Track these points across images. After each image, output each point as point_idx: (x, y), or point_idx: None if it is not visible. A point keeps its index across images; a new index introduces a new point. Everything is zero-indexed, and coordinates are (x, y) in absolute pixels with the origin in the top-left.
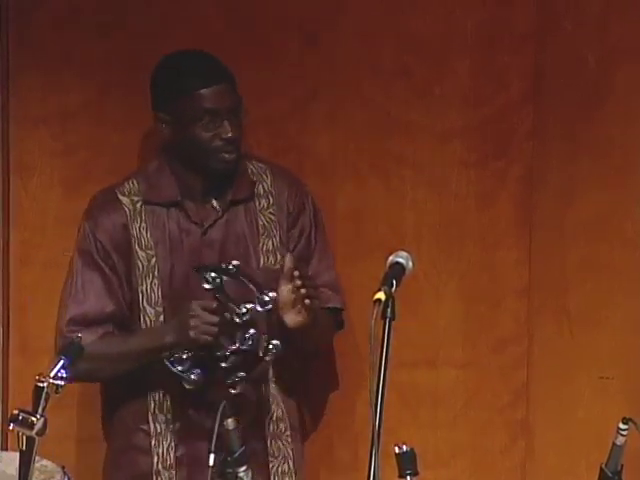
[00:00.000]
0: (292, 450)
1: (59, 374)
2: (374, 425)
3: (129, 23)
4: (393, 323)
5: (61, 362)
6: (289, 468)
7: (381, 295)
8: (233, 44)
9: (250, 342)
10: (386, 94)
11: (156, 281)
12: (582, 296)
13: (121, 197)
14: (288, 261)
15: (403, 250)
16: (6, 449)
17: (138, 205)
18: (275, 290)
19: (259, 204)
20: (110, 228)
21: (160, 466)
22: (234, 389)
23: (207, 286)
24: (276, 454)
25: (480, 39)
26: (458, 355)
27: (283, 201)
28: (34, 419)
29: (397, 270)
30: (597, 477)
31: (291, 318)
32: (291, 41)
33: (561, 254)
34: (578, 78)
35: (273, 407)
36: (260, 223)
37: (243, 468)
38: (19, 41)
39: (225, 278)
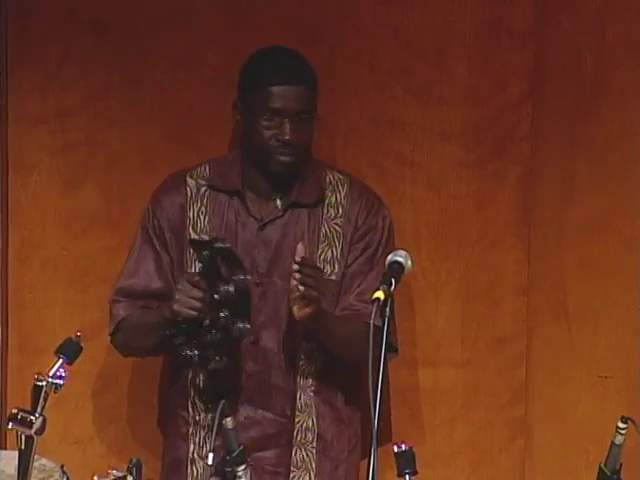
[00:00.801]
0: (315, 462)
1: (58, 373)
2: (373, 424)
3: (127, 21)
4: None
5: (60, 361)
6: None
7: (380, 294)
8: (231, 42)
9: (223, 321)
10: (384, 93)
11: None
12: (580, 295)
13: (189, 179)
14: (299, 251)
15: (402, 249)
16: (5, 448)
17: (203, 189)
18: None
19: (327, 212)
20: (168, 207)
21: (196, 454)
22: (209, 365)
23: (199, 261)
24: (299, 464)
25: (479, 39)
26: (457, 354)
27: (353, 214)
28: (33, 418)
29: (396, 269)
30: (596, 476)
31: (296, 310)
32: (289, 40)
33: (560, 253)
34: (576, 78)
35: (303, 416)
36: (323, 231)
37: (242, 467)
38: (17, 40)
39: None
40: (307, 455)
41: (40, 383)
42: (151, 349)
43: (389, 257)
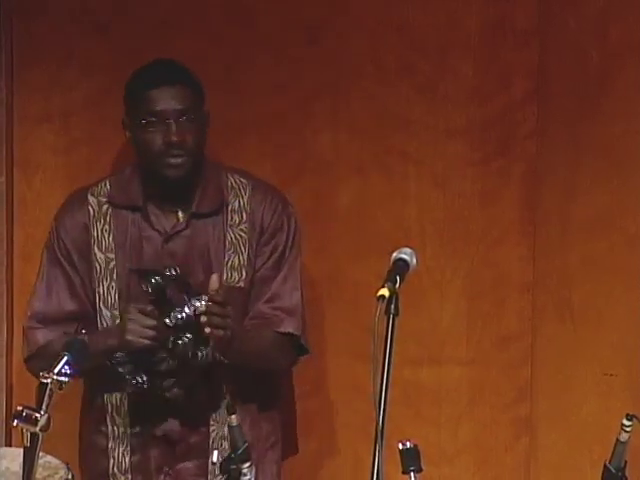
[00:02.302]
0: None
1: (63, 370)
2: (378, 422)
3: (130, 22)
4: (397, 320)
5: (64, 359)
6: None
7: (385, 291)
8: (236, 41)
9: (180, 347)
10: (389, 91)
11: (113, 284)
12: (585, 293)
13: (90, 197)
14: (213, 282)
15: (407, 246)
16: (10, 445)
17: (104, 207)
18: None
19: (230, 219)
20: (72, 227)
21: (116, 469)
22: (168, 393)
23: (146, 290)
24: (216, 472)
25: (483, 37)
26: (462, 352)
27: (258, 218)
28: (38, 415)
29: (401, 266)
30: (601, 474)
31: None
32: (294, 38)
33: (564, 251)
34: (580, 77)
35: (219, 426)
36: (228, 238)
37: (247, 464)
38: (23, 40)
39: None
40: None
41: (45, 381)
42: (83, 374)
43: (394, 254)
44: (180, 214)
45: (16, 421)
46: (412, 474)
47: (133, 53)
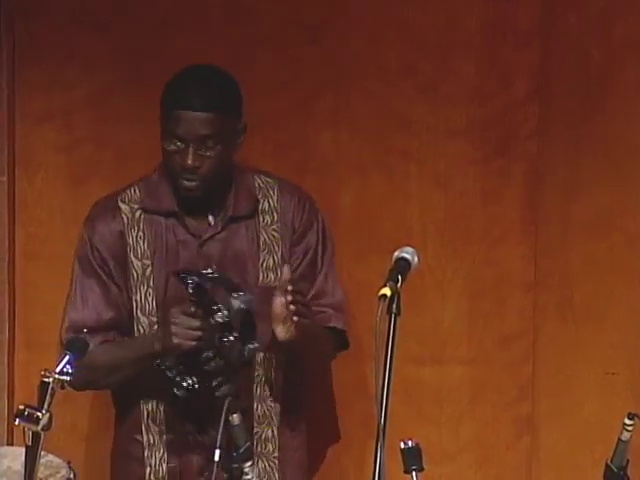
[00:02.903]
0: (278, 472)
1: (65, 369)
2: (379, 421)
3: (131, 20)
4: (398, 319)
5: (66, 358)
6: None
7: (386, 290)
8: (237, 41)
9: (227, 346)
10: (390, 91)
11: (150, 291)
12: (587, 292)
13: (121, 204)
14: (285, 273)
15: (409, 246)
16: (12, 444)
17: (137, 213)
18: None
19: (262, 220)
20: (107, 236)
21: (152, 477)
22: (217, 392)
23: (188, 291)
24: (261, 474)
25: (484, 36)
26: (463, 351)
27: (289, 218)
28: (40, 414)
29: (403, 265)
30: (602, 473)
31: (280, 331)
32: (295, 38)
33: (566, 250)
34: (582, 76)
35: (262, 427)
36: (262, 239)
37: (249, 463)
38: (23, 40)
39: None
40: (269, 466)
41: (47, 380)
42: (118, 383)
43: (396, 253)
44: (210, 218)
45: (18, 420)
46: (414, 473)
47: (133, 52)
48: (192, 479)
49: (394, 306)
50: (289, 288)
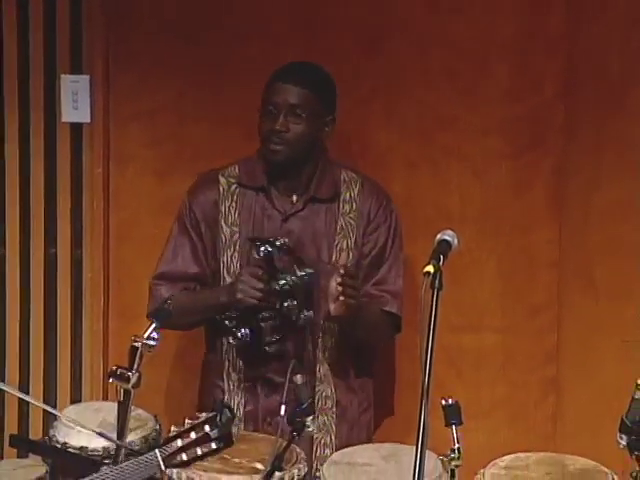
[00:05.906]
0: (336, 425)
1: (151, 335)
2: (424, 382)
3: (212, 29)
4: (441, 293)
5: (153, 325)
6: (330, 440)
7: (430, 268)
8: (304, 50)
9: (284, 309)
10: (434, 94)
11: (236, 254)
12: (606, 269)
13: (220, 178)
14: (343, 257)
15: (450, 229)
16: (106, 400)
17: (233, 187)
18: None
19: (342, 208)
20: (203, 202)
21: None
22: (269, 347)
23: (257, 256)
24: (320, 427)
25: (517, 44)
26: (497, 321)
27: (366, 209)
28: (130, 374)
29: (444, 246)
30: (618, 426)
31: (333, 307)
32: (353, 47)
33: (587, 234)
34: (604, 79)
35: (323, 386)
36: (339, 224)
37: (310, 417)
38: (118, 50)
39: (274, 252)
40: (328, 419)
41: (136, 344)
42: (194, 325)
43: (438, 236)
44: (294, 197)
45: (111, 379)
46: (453, 427)
47: (214, 58)
48: (262, 422)
49: (437, 282)
50: (341, 271)
